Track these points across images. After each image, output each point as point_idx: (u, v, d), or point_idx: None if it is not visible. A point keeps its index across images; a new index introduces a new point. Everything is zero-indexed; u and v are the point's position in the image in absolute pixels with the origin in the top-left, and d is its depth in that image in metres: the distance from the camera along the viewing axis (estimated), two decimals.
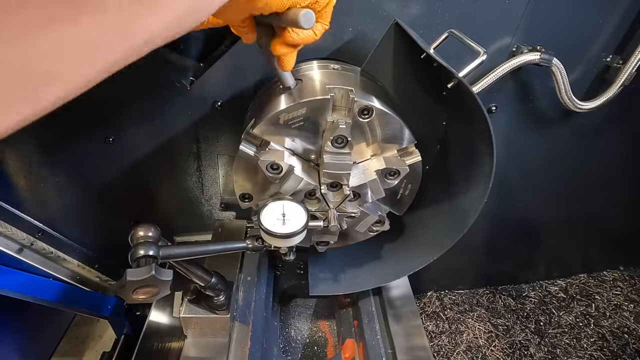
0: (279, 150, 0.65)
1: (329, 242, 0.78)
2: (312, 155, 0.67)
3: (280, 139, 0.65)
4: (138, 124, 0.83)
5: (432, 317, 1.36)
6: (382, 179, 0.68)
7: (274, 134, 0.64)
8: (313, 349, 1.02)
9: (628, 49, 0.84)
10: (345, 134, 0.60)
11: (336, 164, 0.63)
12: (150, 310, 0.88)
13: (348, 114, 0.61)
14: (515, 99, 0.90)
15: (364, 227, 0.75)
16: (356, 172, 0.68)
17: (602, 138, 1.04)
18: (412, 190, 0.74)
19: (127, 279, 0.49)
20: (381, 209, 0.75)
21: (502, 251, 1.33)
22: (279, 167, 0.64)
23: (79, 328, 1.33)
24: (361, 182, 0.67)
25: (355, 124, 0.63)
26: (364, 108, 0.61)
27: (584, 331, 1.33)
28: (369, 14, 0.71)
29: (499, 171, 0.64)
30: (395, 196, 0.75)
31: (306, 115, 0.62)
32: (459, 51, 0.71)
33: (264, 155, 0.64)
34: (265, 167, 0.63)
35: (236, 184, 0.71)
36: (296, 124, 0.63)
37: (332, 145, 0.62)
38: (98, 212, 0.98)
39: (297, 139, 0.65)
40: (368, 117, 0.62)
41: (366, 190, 0.69)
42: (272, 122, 0.63)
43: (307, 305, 1.14)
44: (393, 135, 0.66)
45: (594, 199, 1.22)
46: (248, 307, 0.85)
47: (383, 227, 0.76)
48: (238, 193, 0.72)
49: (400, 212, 0.78)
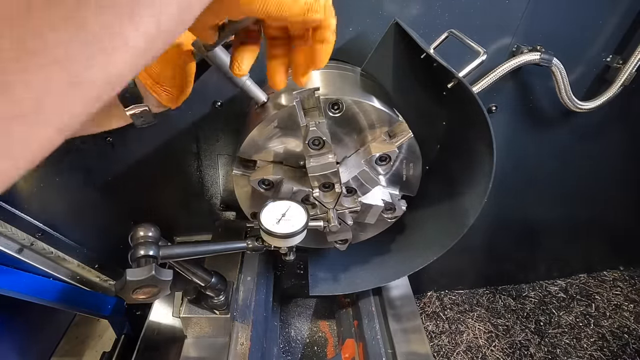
0: (266, 165, 0.67)
1: (347, 239, 0.78)
2: (302, 162, 0.67)
3: (267, 154, 0.67)
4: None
5: (432, 317, 1.36)
6: (373, 167, 0.68)
7: (258, 152, 0.67)
8: (313, 349, 1.02)
9: (628, 49, 0.84)
10: (318, 135, 0.59)
11: (319, 165, 0.63)
12: (150, 310, 0.88)
13: (320, 113, 0.60)
14: (515, 99, 0.90)
15: (374, 218, 0.75)
16: (347, 166, 0.68)
17: (602, 138, 1.04)
18: (416, 169, 0.73)
19: (127, 279, 0.49)
20: (387, 195, 0.74)
21: (502, 251, 1.33)
22: (269, 182, 0.68)
23: (79, 328, 1.33)
24: (352, 176, 0.67)
25: (333, 121, 0.63)
26: (333, 103, 0.61)
27: (584, 331, 1.33)
28: (369, 14, 0.71)
29: (499, 171, 0.64)
30: (400, 178, 0.74)
31: (280, 126, 0.63)
32: (459, 51, 0.71)
33: (252, 174, 0.67)
34: (256, 184, 0.67)
35: (242, 205, 0.75)
36: (274, 137, 0.65)
37: (311, 149, 0.62)
38: (98, 212, 0.98)
39: (281, 150, 0.67)
40: (339, 111, 0.62)
41: (360, 182, 0.69)
42: (252, 142, 0.65)
43: (307, 305, 1.14)
44: (376, 120, 0.65)
45: (594, 199, 1.22)
46: (248, 307, 0.85)
47: (397, 213, 0.75)
48: (248, 213, 0.76)
49: (412, 192, 0.76)
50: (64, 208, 0.96)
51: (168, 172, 0.93)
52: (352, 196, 0.71)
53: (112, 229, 0.98)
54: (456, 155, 0.75)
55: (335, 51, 0.75)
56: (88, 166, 0.89)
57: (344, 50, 0.75)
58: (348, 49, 0.75)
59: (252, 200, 0.74)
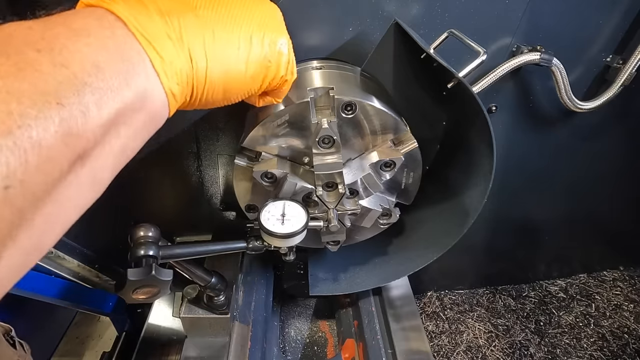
0: (271, 159, 0.66)
1: (339, 240, 0.78)
2: (306, 159, 0.67)
3: (272, 148, 0.66)
4: None
5: (432, 317, 1.36)
6: (378, 172, 0.68)
7: (264, 144, 0.66)
8: (313, 349, 1.02)
9: (628, 49, 0.84)
10: (329, 134, 0.60)
11: (326, 164, 0.63)
12: (150, 310, 0.88)
13: (332, 112, 0.61)
14: (515, 99, 0.90)
15: (370, 222, 0.75)
16: (351, 168, 0.68)
17: (602, 138, 1.04)
18: (415, 178, 0.73)
19: (127, 279, 0.49)
20: (385, 201, 0.74)
21: (502, 251, 1.33)
22: (272, 176, 0.66)
23: (79, 328, 1.33)
24: (356, 179, 0.67)
25: (344, 121, 0.63)
26: (347, 104, 0.61)
27: (584, 331, 1.33)
28: (369, 14, 0.71)
29: (499, 171, 0.64)
30: (399, 186, 0.74)
31: (290, 121, 0.62)
32: (459, 51, 0.71)
33: (256, 165, 0.66)
34: (259, 177, 0.65)
35: (239, 197, 0.73)
36: (283, 131, 0.64)
37: (320, 147, 0.62)
38: (98, 212, 0.97)
39: (287, 145, 0.66)
40: (352, 112, 0.62)
41: (363, 185, 0.69)
42: (259, 133, 0.64)
43: (307, 305, 1.14)
44: (384, 126, 0.65)
45: (594, 199, 1.22)
46: (248, 307, 0.85)
47: (391, 220, 0.76)
48: (243, 205, 0.74)
49: (408, 201, 0.77)
50: None
51: (168, 172, 0.93)
52: (353, 198, 0.71)
53: (112, 229, 0.98)
54: (456, 155, 0.75)
55: (335, 51, 0.75)
56: None
57: (344, 50, 0.75)
58: (348, 49, 0.75)
59: (249, 193, 0.73)
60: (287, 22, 0.55)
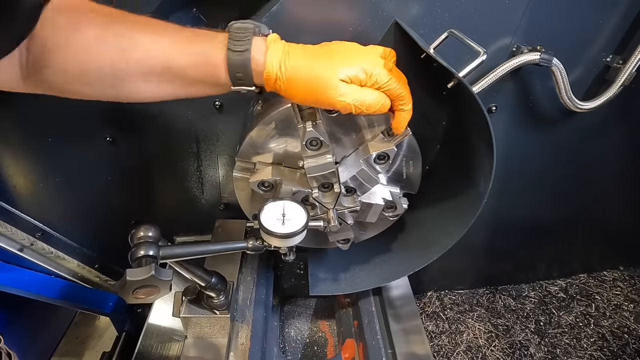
0: (265, 167, 0.67)
1: (349, 239, 0.78)
2: (301, 162, 0.67)
3: (266, 157, 0.68)
4: (138, 123, 0.83)
5: (432, 317, 1.36)
6: (372, 166, 0.67)
7: (257, 154, 0.67)
8: (313, 349, 1.02)
9: (628, 49, 0.84)
10: (315, 136, 0.60)
11: (317, 166, 0.63)
12: (150, 311, 0.88)
13: (316, 114, 0.61)
14: (515, 99, 0.90)
15: (375, 217, 0.75)
16: (347, 166, 0.68)
17: (602, 138, 1.04)
18: (416, 166, 0.73)
19: (127, 279, 0.49)
20: (388, 193, 0.74)
21: (502, 251, 1.33)
22: (268, 184, 0.68)
23: (79, 328, 1.33)
24: (351, 175, 0.67)
25: (330, 121, 0.63)
26: None
27: (584, 331, 1.33)
28: (369, 14, 0.71)
29: (499, 171, 0.64)
30: (401, 176, 0.74)
31: (277, 128, 0.63)
32: (459, 51, 0.71)
33: (252, 176, 0.68)
34: (256, 187, 0.67)
35: (243, 207, 0.76)
36: (273, 138, 0.65)
37: (308, 149, 0.62)
38: (98, 212, 0.98)
39: (281, 152, 0.67)
40: (334, 111, 0.62)
41: (359, 181, 0.69)
42: (250, 144, 0.66)
43: (307, 305, 1.14)
44: (373, 120, 0.65)
45: (594, 199, 1.22)
46: (248, 307, 0.85)
47: (398, 211, 0.75)
48: (250, 215, 0.77)
49: (413, 190, 0.76)
50: (64, 208, 0.96)
51: (168, 172, 0.93)
52: (351, 195, 0.71)
53: (112, 229, 0.98)
54: (456, 155, 0.75)
55: None
56: (88, 166, 0.89)
57: None
58: None
59: (252, 202, 0.74)
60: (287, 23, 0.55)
